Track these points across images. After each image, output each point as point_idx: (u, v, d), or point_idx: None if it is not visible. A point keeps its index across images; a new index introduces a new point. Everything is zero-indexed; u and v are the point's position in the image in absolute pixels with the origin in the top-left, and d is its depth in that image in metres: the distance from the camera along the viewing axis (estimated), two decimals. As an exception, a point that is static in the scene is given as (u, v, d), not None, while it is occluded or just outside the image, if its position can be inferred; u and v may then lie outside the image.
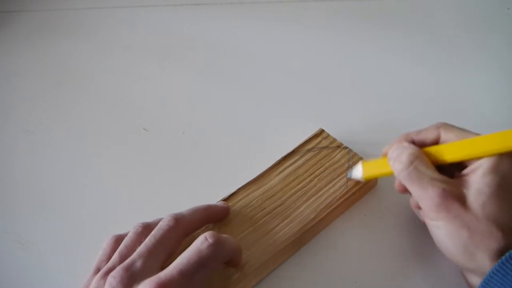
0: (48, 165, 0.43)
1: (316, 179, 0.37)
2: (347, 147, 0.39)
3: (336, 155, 0.38)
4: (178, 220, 0.30)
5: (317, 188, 0.36)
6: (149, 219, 0.38)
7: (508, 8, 0.54)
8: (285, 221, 0.34)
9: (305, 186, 0.36)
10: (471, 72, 0.47)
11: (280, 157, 0.38)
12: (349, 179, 0.36)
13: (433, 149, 0.31)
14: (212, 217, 0.34)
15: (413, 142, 0.32)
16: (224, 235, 0.29)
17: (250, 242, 0.33)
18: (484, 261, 0.27)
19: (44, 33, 0.57)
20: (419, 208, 0.32)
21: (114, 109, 0.47)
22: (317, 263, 0.34)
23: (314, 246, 0.35)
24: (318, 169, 0.37)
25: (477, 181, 0.28)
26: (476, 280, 0.28)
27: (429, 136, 0.31)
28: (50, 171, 0.42)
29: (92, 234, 0.37)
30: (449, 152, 0.30)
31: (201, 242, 0.27)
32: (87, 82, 0.51)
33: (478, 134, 0.30)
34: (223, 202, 0.35)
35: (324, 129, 0.40)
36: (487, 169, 0.28)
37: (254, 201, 0.36)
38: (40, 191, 0.41)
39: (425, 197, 0.28)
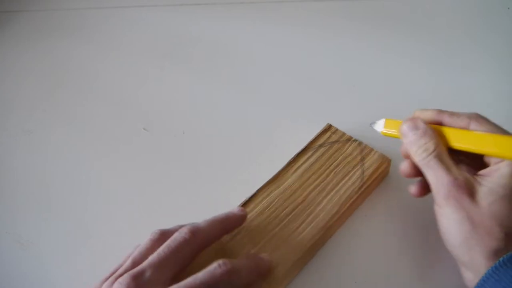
0: (48, 165, 0.43)
1: (332, 174, 0.37)
2: (357, 140, 0.39)
3: (347, 148, 0.38)
4: (195, 233, 0.29)
5: (334, 182, 0.36)
6: (149, 218, 0.38)
7: (508, 8, 0.54)
8: (309, 218, 0.34)
9: (322, 181, 0.37)
10: (471, 72, 0.47)
11: (294, 155, 0.38)
12: (372, 126, 0.36)
13: (446, 130, 0.31)
14: (229, 228, 0.33)
15: (441, 123, 0.32)
16: (241, 261, 0.29)
17: (278, 242, 0.33)
18: (479, 259, 0.27)
19: (44, 33, 0.57)
20: (418, 195, 0.32)
21: (114, 109, 0.47)
22: (317, 263, 0.34)
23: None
24: (332, 164, 0.38)
25: (493, 181, 0.28)
26: (470, 276, 0.28)
27: (458, 123, 0.31)
28: (50, 171, 0.42)
29: (92, 234, 0.37)
30: (458, 138, 0.30)
31: (215, 267, 0.27)
32: (87, 82, 0.51)
33: (507, 133, 0.29)
34: (240, 208, 0.34)
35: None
36: (506, 172, 0.28)
37: (275, 201, 0.36)
38: (40, 191, 0.41)
39: (438, 183, 0.29)
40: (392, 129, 0.35)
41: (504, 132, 0.30)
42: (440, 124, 0.32)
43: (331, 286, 0.33)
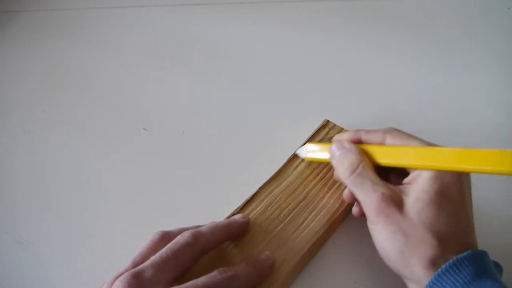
0: (48, 165, 0.43)
1: (332, 169, 0.37)
2: None
3: None
4: (197, 238, 0.29)
5: (335, 177, 0.36)
6: (149, 218, 0.38)
7: (508, 8, 0.54)
8: (313, 213, 0.35)
9: (323, 177, 0.37)
10: (471, 72, 0.47)
11: (294, 152, 0.39)
12: (295, 156, 0.38)
13: (370, 149, 0.31)
14: (232, 234, 0.33)
15: (359, 141, 0.33)
16: (241, 268, 0.29)
17: (282, 240, 0.33)
18: (418, 269, 0.27)
19: (44, 33, 0.57)
20: (360, 216, 0.32)
21: (114, 109, 0.47)
22: (316, 263, 0.34)
23: (314, 246, 0.35)
24: None
25: (417, 188, 0.28)
26: None
27: (375, 139, 0.32)
28: (50, 171, 0.42)
29: (92, 234, 0.37)
30: (383, 155, 0.30)
31: (215, 274, 0.28)
32: (87, 82, 0.51)
33: (423, 142, 0.30)
34: (242, 215, 0.34)
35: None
36: (427, 177, 0.28)
37: (277, 199, 0.36)
38: (40, 191, 0.41)
39: (367, 201, 0.29)
40: (317, 153, 0.36)
41: (419, 141, 0.30)
42: (359, 142, 0.32)
43: (331, 286, 0.33)
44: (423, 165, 0.28)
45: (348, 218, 0.37)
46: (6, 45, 0.56)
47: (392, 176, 0.32)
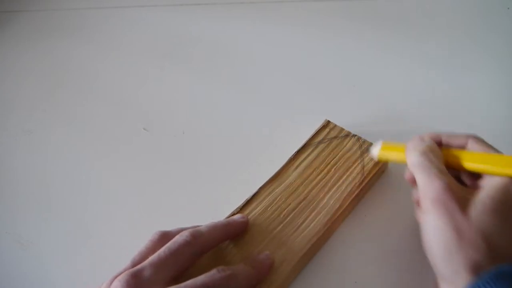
0: (48, 165, 0.43)
1: (333, 169, 0.37)
2: (355, 135, 0.39)
3: (346, 143, 0.39)
4: (196, 237, 0.29)
5: (336, 178, 0.37)
6: (149, 218, 0.38)
7: (508, 8, 0.54)
8: (313, 214, 0.35)
9: (324, 177, 0.37)
10: (471, 72, 0.47)
11: (294, 152, 0.39)
12: (366, 154, 0.37)
13: (454, 152, 0.31)
14: (231, 234, 0.33)
15: (439, 143, 0.32)
16: (240, 267, 0.29)
17: (282, 240, 0.33)
18: (459, 269, 0.26)
19: (44, 33, 0.57)
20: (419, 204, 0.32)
21: (114, 109, 0.47)
22: (316, 264, 0.34)
23: (314, 246, 0.35)
24: (333, 159, 0.38)
25: (484, 193, 0.27)
26: None
27: (456, 142, 0.31)
28: (50, 171, 0.42)
29: (92, 234, 0.37)
30: (468, 159, 0.30)
31: (214, 272, 0.28)
32: (87, 82, 0.51)
33: (501, 153, 0.29)
34: (241, 215, 0.34)
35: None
36: (498, 184, 0.27)
37: (278, 198, 0.36)
38: (40, 191, 0.41)
39: (429, 187, 0.28)
40: (389, 153, 0.34)
41: (498, 152, 0.30)
42: (439, 144, 0.32)
43: (331, 286, 0.33)
44: (505, 172, 0.28)
45: (349, 218, 0.37)
46: (6, 45, 0.56)
47: (462, 179, 0.31)
